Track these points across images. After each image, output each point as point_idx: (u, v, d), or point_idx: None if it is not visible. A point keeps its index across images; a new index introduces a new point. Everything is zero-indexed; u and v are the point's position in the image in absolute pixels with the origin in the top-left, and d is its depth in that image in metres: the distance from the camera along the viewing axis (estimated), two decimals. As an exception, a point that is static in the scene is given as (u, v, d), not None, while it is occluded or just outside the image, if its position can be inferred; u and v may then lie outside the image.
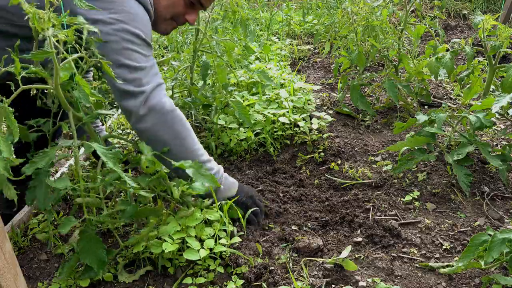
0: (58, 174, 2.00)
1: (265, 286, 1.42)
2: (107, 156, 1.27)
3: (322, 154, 2.20)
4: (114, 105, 2.28)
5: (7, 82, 1.24)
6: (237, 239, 1.57)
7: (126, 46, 1.39)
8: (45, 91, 1.34)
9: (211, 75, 2.29)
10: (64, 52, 1.23)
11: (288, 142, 2.33)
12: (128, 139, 2.11)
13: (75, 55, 1.26)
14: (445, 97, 2.86)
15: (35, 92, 1.28)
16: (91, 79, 2.05)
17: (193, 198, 1.64)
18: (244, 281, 1.44)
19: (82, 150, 1.36)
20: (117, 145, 2.26)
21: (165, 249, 1.40)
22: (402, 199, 1.87)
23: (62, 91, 1.29)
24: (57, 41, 1.18)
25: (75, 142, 1.32)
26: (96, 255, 1.35)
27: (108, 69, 1.30)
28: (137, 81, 1.41)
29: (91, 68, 1.92)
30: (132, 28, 1.40)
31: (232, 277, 1.45)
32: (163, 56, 3.61)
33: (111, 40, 1.36)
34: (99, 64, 1.32)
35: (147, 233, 1.45)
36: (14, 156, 1.17)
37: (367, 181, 2.00)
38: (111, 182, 1.33)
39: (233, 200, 1.61)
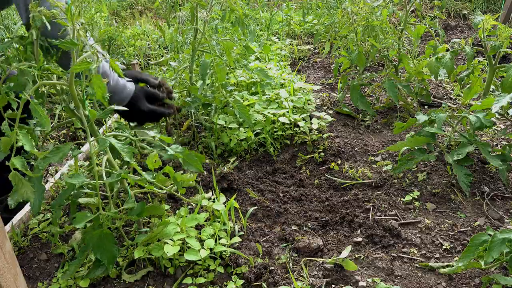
0: (57, 175, 2.00)
1: (265, 286, 1.42)
2: (123, 151, 1.29)
3: (322, 154, 2.20)
4: None
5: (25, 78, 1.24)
6: (237, 239, 1.58)
7: None
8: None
9: (210, 75, 2.29)
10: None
11: (288, 142, 2.33)
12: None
13: (87, 53, 1.25)
14: (445, 97, 2.86)
15: (42, 90, 1.29)
16: None
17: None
18: (244, 281, 1.44)
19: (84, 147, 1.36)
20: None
21: (167, 252, 1.40)
22: (402, 199, 1.87)
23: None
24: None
25: (89, 138, 1.33)
26: (109, 250, 1.35)
27: (117, 67, 1.30)
28: None
29: None
30: None
31: (232, 277, 1.45)
32: (162, 56, 3.61)
33: None
34: None
35: (161, 230, 1.45)
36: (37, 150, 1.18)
37: (367, 181, 2.00)
38: (118, 180, 1.33)
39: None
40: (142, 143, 1.51)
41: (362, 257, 1.55)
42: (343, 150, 2.25)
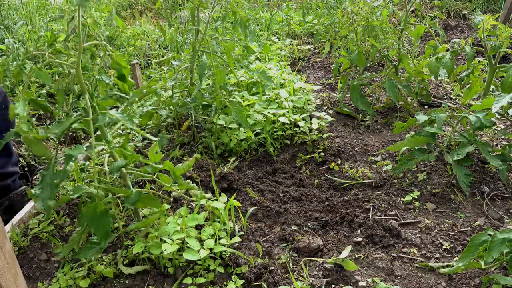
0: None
1: (265, 286, 1.42)
2: (124, 119, 1.31)
3: (322, 154, 2.20)
4: None
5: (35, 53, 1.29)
6: (237, 239, 1.58)
7: None
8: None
9: (210, 76, 2.29)
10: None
11: (288, 142, 2.33)
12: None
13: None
14: (445, 97, 2.86)
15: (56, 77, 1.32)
16: None
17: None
18: (244, 281, 1.44)
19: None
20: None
21: (165, 250, 1.40)
22: (402, 199, 1.87)
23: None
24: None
25: (90, 116, 1.34)
26: (103, 225, 1.33)
27: (124, 63, 1.32)
28: None
29: None
30: None
31: (232, 277, 1.45)
32: (163, 56, 3.61)
33: None
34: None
35: (155, 219, 1.45)
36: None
37: (367, 181, 1.99)
38: (122, 166, 1.33)
39: None
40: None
41: (362, 257, 1.55)
42: (343, 150, 2.25)
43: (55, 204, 1.36)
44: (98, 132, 1.46)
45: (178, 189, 1.62)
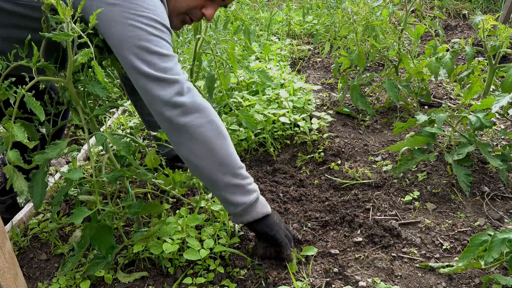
0: (57, 175, 2.00)
1: (265, 286, 1.42)
2: (120, 145, 1.27)
3: (322, 154, 2.20)
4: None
5: (22, 73, 1.25)
6: (237, 239, 1.58)
7: (154, 33, 1.27)
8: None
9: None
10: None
11: (288, 142, 2.33)
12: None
13: (86, 50, 1.20)
14: (445, 97, 2.86)
15: (43, 86, 1.29)
16: None
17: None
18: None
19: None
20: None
21: (165, 250, 1.40)
22: (402, 199, 1.87)
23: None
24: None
25: (87, 135, 1.32)
26: (107, 241, 1.34)
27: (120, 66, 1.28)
28: (169, 70, 1.28)
29: None
30: (156, 16, 1.28)
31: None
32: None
33: (135, 26, 1.24)
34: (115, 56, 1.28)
35: (157, 229, 1.45)
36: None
37: (367, 181, 1.99)
38: (119, 176, 1.32)
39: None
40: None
41: (362, 257, 1.55)
42: (343, 150, 2.25)
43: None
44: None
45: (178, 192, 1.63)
